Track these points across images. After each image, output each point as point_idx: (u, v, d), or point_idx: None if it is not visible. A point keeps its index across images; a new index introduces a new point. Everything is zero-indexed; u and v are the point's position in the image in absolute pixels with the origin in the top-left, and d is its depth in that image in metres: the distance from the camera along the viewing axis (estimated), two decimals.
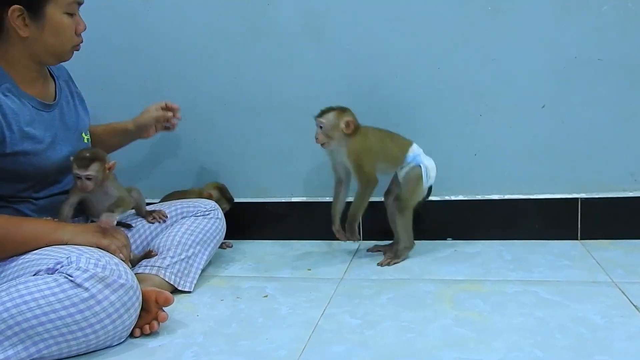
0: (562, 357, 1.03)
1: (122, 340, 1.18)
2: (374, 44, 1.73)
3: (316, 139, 1.53)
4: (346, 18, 1.73)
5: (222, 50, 1.83)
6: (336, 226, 1.60)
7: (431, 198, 1.77)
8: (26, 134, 1.29)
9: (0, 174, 1.29)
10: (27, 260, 1.21)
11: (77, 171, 1.34)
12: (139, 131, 1.61)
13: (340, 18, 1.73)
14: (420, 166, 1.56)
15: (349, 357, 1.08)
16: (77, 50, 1.37)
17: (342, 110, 1.54)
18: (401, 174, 1.57)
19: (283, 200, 1.88)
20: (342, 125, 1.51)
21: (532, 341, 1.09)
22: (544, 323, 1.16)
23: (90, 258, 1.15)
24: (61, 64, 1.45)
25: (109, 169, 1.38)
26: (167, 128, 1.64)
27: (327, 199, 1.84)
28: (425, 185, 1.57)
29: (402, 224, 1.58)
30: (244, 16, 1.79)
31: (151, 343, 1.19)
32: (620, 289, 1.31)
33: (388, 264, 1.57)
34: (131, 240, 1.50)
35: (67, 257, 1.16)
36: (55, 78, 1.45)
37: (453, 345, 1.09)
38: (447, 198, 1.76)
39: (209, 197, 1.69)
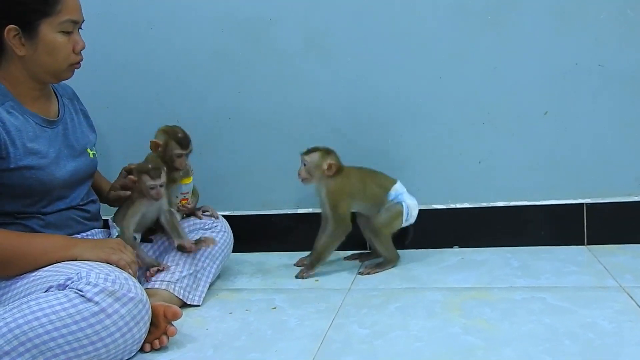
0: None
1: (133, 354, 1.19)
2: (376, 58, 1.75)
3: (298, 174, 1.59)
4: (347, 33, 1.75)
5: (226, 67, 1.85)
6: (304, 261, 1.67)
7: (437, 207, 1.79)
8: (30, 150, 1.30)
9: (7, 190, 1.30)
10: (37, 277, 1.23)
11: (152, 182, 1.42)
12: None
13: (342, 34, 1.75)
14: (402, 204, 1.59)
15: None
16: (77, 68, 1.37)
17: (327, 151, 1.59)
18: (384, 211, 1.61)
19: (289, 212, 1.89)
20: (325, 166, 1.57)
21: (541, 348, 1.09)
22: (553, 329, 1.16)
23: (99, 273, 1.16)
24: (65, 82, 1.47)
25: None
26: None
27: None
28: (405, 223, 1.61)
29: (381, 245, 1.62)
30: (247, 34, 1.81)
31: (161, 357, 1.20)
32: (628, 294, 1.31)
33: (368, 274, 1.60)
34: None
35: (77, 273, 1.17)
36: (59, 96, 1.47)
37: (462, 354, 1.10)
38: (452, 206, 1.77)
39: (155, 146, 1.56)
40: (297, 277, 1.60)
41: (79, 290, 1.13)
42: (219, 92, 1.87)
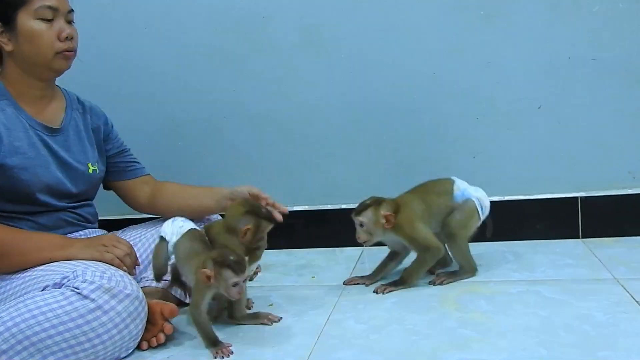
0: (566, 354, 1.03)
1: (130, 351, 1.19)
2: (371, 53, 1.75)
3: (358, 238, 1.43)
4: (342, 29, 1.76)
5: (221, 64, 1.85)
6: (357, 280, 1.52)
7: None
8: (16, 149, 1.29)
9: None
10: (33, 276, 1.23)
11: (236, 278, 1.16)
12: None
13: (337, 29, 1.76)
14: (472, 199, 1.45)
15: None
16: (70, 57, 1.34)
17: (378, 203, 1.42)
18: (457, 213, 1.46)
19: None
20: (382, 220, 1.40)
21: (537, 340, 1.10)
22: (548, 322, 1.17)
23: (95, 271, 1.17)
24: (100, 109, 1.51)
25: None
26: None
27: (330, 207, 1.87)
28: (482, 216, 1.47)
29: (458, 251, 1.46)
30: (242, 31, 1.82)
31: (159, 355, 1.20)
32: (623, 286, 1.32)
33: (441, 283, 1.44)
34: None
35: (73, 272, 1.17)
36: (68, 107, 1.44)
37: (458, 347, 1.10)
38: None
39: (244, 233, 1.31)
40: (375, 291, 1.43)
41: (75, 288, 1.13)
42: (215, 89, 1.87)
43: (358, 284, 1.50)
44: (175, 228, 1.32)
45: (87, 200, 1.49)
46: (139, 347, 1.21)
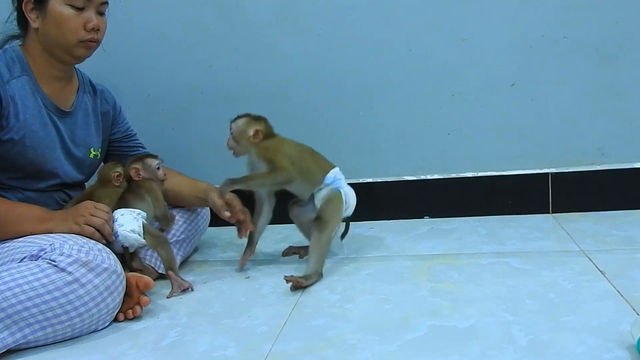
0: (531, 319, 1.07)
1: (107, 324, 1.20)
2: (346, 29, 1.76)
3: (227, 144, 1.45)
4: (318, 5, 1.76)
5: (196, 40, 1.84)
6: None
7: (408, 178, 1.82)
8: (29, 127, 1.33)
9: None
10: (11, 247, 1.23)
11: (156, 161, 1.45)
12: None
13: (312, 5, 1.76)
14: (340, 190, 1.43)
15: (329, 330, 1.11)
16: (92, 47, 1.38)
17: (256, 118, 1.44)
18: (319, 194, 1.43)
19: None
20: (251, 132, 1.41)
21: (504, 307, 1.14)
22: (515, 290, 1.21)
23: (73, 245, 1.17)
24: (110, 93, 1.56)
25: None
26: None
27: None
28: (344, 212, 1.44)
29: (317, 247, 1.37)
30: (217, 6, 1.81)
31: (136, 325, 1.22)
32: (587, 257, 1.37)
33: (293, 285, 1.32)
34: None
35: (51, 244, 1.18)
36: (81, 90, 1.48)
37: (429, 314, 1.14)
38: (422, 177, 1.81)
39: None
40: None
41: (52, 261, 1.14)
42: (190, 66, 1.86)
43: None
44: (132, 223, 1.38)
45: (80, 183, 1.52)
46: (115, 319, 1.23)
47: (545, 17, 1.68)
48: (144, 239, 1.35)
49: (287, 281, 1.32)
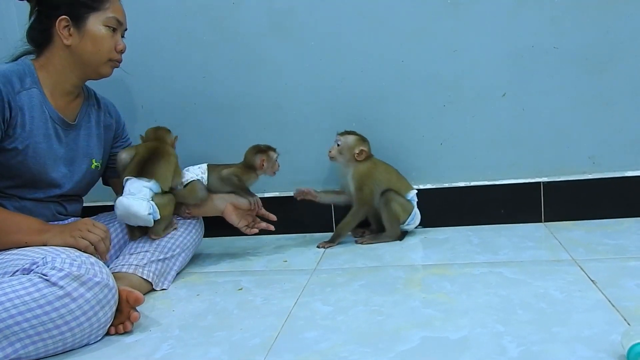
0: (522, 330, 1.08)
1: (99, 338, 1.20)
2: (340, 40, 1.77)
3: (329, 152, 1.69)
4: (311, 16, 1.77)
5: (190, 51, 1.85)
6: (311, 192, 1.75)
7: None
8: (33, 138, 1.37)
9: None
10: (4, 260, 1.23)
11: (276, 155, 1.69)
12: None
13: (306, 16, 1.77)
14: (413, 204, 1.71)
15: (321, 342, 1.11)
16: (116, 66, 1.49)
17: (363, 138, 1.69)
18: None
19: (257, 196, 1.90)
20: (357, 150, 1.66)
21: (496, 317, 1.14)
22: (507, 300, 1.22)
23: (66, 258, 1.17)
24: (114, 108, 1.63)
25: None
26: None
27: None
28: (406, 223, 1.70)
29: (387, 216, 1.68)
30: (210, 17, 1.82)
31: (128, 339, 1.21)
32: (580, 266, 1.37)
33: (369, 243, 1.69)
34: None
35: (43, 258, 1.17)
36: (87, 104, 1.53)
37: (421, 325, 1.14)
38: (415, 187, 1.80)
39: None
40: (317, 246, 1.70)
41: (44, 275, 1.13)
42: (184, 77, 1.87)
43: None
44: (196, 171, 1.64)
45: (79, 195, 1.55)
46: (107, 333, 1.22)
47: (535, 28, 1.69)
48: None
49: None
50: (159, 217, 1.48)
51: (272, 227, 1.67)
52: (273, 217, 1.68)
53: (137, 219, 1.47)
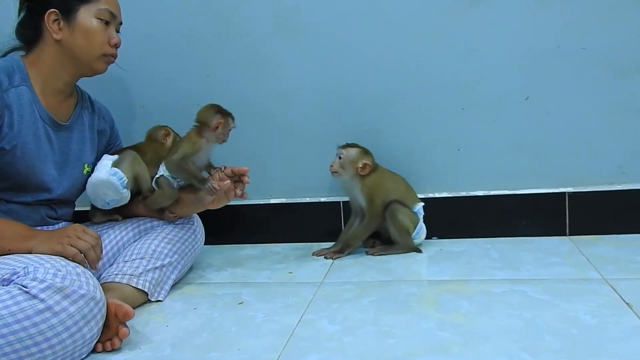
0: None
1: (84, 356, 1.10)
2: (349, 40, 1.67)
3: (331, 166, 1.58)
4: (319, 14, 1.67)
5: (194, 50, 1.77)
6: (331, 249, 1.64)
7: None
8: (21, 138, 1.29)
9: None
10: None
11: (233, 124, 1.49)
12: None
13: (313, 14, 1.68)
14: (419, 217, 1.61)
15: None
16: (111, 62, 1.40)
17: (365, 151, 1.59)
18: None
19: (261, 202, 1.81)
20: (360, 164, 1.56)
21: (520, 344, 1.02)
22: (533, 324, 1.10)
23: (50, 268, 1.08)
24: (108, 112, 1.56)
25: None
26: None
27: (307, 200, 1.79)
28: (412, 235, 1.60)
29: (396, 226, 1.59)
30: (213, 16, 1.73)
31: (115, 358, 1.11)
32: (611, 286, 1.25)
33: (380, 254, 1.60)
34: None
35: (25, 267, 1.08)
36: (79, 105, 1.45)
37: (436, 351, 1.03)
38: (430, 195, 1.70)
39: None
40: (325, 257, 1.61)
41: (23, 287, 1.04)
42: (187, 76, 1.79)
43: (333, 250, 1.63)
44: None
45: (70, 200, 1.46)
46: (94, 350, 1.12)
47: (561, 27, 1.57)
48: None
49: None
50: (125, 179, 1.42)
51: (246, 196, 1.46)
52: (244, 170, 1.45)
53: (102, 186, 1.41)
